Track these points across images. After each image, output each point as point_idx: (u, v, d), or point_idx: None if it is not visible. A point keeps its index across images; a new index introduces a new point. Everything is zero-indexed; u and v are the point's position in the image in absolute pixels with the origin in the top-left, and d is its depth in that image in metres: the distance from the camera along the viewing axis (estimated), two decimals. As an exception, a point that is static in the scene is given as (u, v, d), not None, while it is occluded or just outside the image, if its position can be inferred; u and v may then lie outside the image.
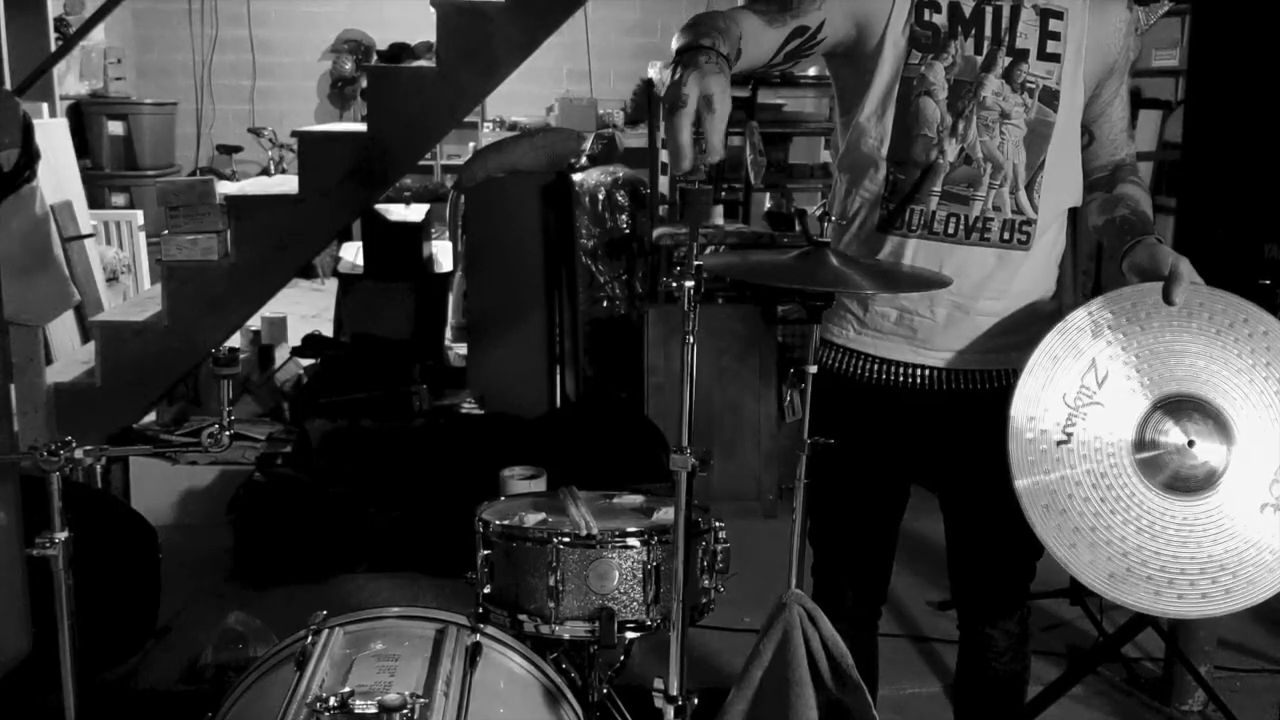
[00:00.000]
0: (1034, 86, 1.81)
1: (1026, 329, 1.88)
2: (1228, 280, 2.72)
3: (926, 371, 1.90)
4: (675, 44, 1.56)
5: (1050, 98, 1.81)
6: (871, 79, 1.84)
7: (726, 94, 1.45)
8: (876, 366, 1.92)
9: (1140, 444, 1.66)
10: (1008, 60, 1.81)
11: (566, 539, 1.89)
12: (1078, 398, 1.67)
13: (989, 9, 1.81)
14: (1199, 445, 1.65)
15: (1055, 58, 1.81)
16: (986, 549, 2.00)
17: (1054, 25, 1.81)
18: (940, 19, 1.81)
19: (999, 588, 2.02)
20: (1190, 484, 1.65)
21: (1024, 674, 2.10)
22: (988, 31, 1.81)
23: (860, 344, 1.93)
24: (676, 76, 1.46)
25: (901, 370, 1.91)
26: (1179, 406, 1.67)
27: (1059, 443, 1.66)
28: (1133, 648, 3.01)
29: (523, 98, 8.35)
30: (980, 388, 1.90)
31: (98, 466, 3.70)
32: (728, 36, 1.58)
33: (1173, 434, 1.66)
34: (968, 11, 1.81)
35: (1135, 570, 1.64)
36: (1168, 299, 1.68)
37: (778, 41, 1.75)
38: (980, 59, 1.81)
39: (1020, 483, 1.67)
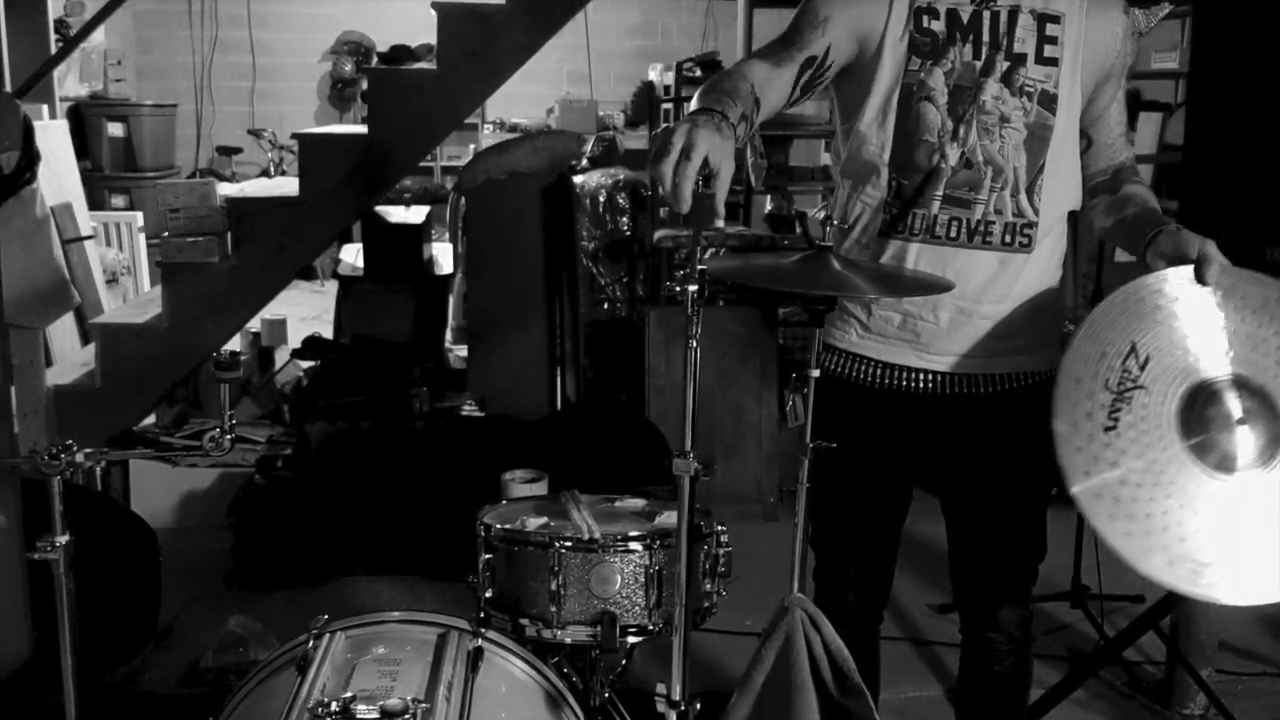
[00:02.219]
0: (1032, 90, 1.81)
1: (1030, 332, 1.89)
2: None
3: (930, 376, 1.90)
4: (689, 109, 1.61)
5: (1049, 101, 1.82)
6: (871, 87, 1.85)
7: (720, 150, 1.47)
8: (880, 371, 1.92)
9: (1188, 425, 1.65)
10: (1006, 65, 1.81)
11: (568, 543, 1.88)
12: (1120, 382, 1.66)
13: (986, 14, 1.82)
14: (1247, 423, 1.64)
15: (1053, 62, 1.82)
16: (988, 552, 2.00)
17: (1051, 30, 1.82)
18: (939, 25, 1.82)
19: (1000, 591, 2.02)
20: (1241, 463, 1.64)
21: (1025, 678, 2.09)
22: (985, 36, 1.82)
23: (863, 348, 1.93)
24: (671, 128, 1.50)
25: (905, 375, 1.91)
26: (1223, 386, 1.66)
27: (1106, 429, 1.65)
28: (1134, 651, 3.01)
29: (523, 99, 8.36)
30: (983, 392, 1.90)
31: (97, 469, 3.71)
32: (737, 96, 1.63)
33: (1220, 413, 1.65)
34: (965, 17, 1.82)
35: (1194, 555, 1.62)
36: (1201, 279, 1.68)
37: (791, 79, 1.80)
38: (979, 64, 1.82)
39: (1077, 489, 1.65)
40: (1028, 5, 1.81)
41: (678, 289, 1.54)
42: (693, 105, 1.60)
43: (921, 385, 1.91)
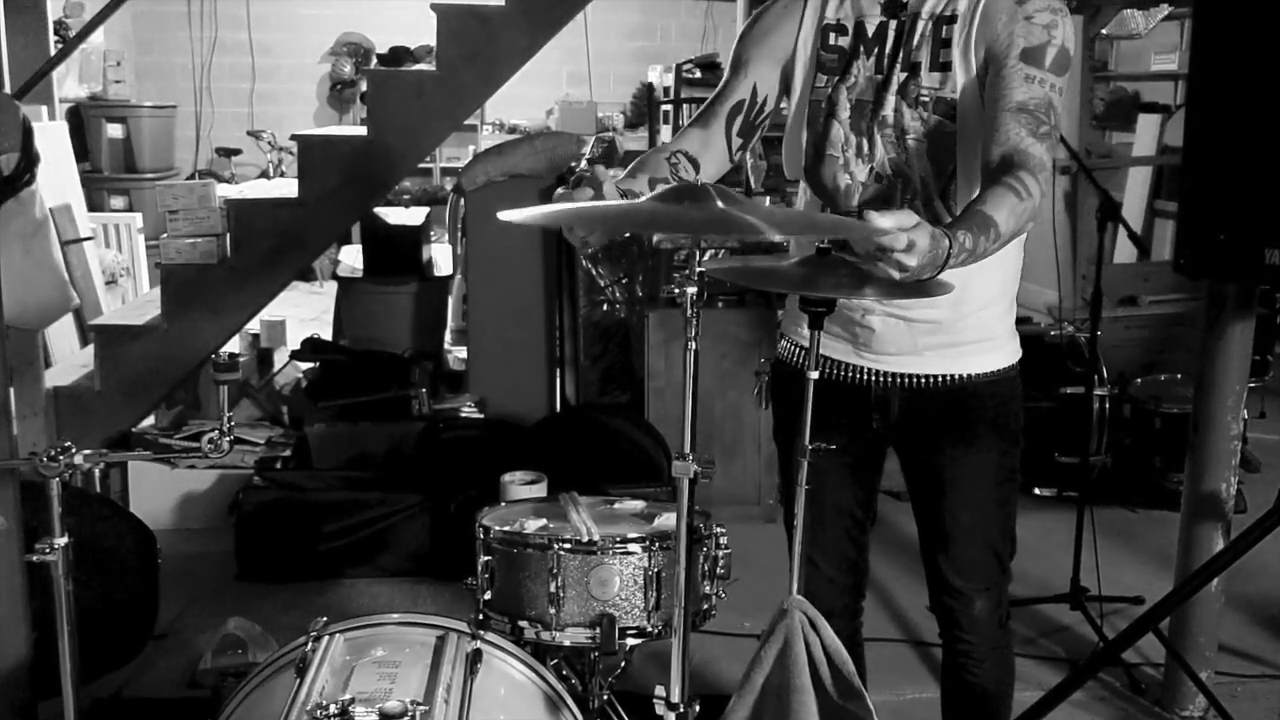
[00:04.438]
0: (928, 99, 1.80)
1: (977, 335, 1.89)
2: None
3: (873, 373, 1.93)
4: None
5: (948, 108, 1.79)
6: (792, 104, 1.91)
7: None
8: (829, 366, 1.94)
9: None
10: (903, 76, 1.81)
11: (567, 545, 1.89)
12: None
13: (892, 24, 1.82)
14: None
15: (947, 66, 1.79)
16: (951, 549, 1.98)
17: (946, 32, 1.79)
18: (845, 41, 1.85)
19: (967, 589, 1.99)
20: None
21: (1006, 682, 2.08)
22: (888, 48, 1.82)
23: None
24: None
25: (850, 370, 1.94)
26: None
27: None
28: (1133, 653, 3.00)
29: (522, 101, 8.36)
30: (930, 390, 1.91)
31: (96, 471, 3.70)
32: (644, 169, 1.81)
33: None
34: (871, 30, 1.83)
35: None
36: None
37: (721, 132, 1.87)
38: (880, 78, 1.82)
39: None
40: (928, 11, 1.80)
41: (677, 291, 1.54)
42: None
43: (866, 380, 1.93)
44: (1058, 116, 1.74)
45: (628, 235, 4.88)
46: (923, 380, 1.90)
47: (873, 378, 1.93)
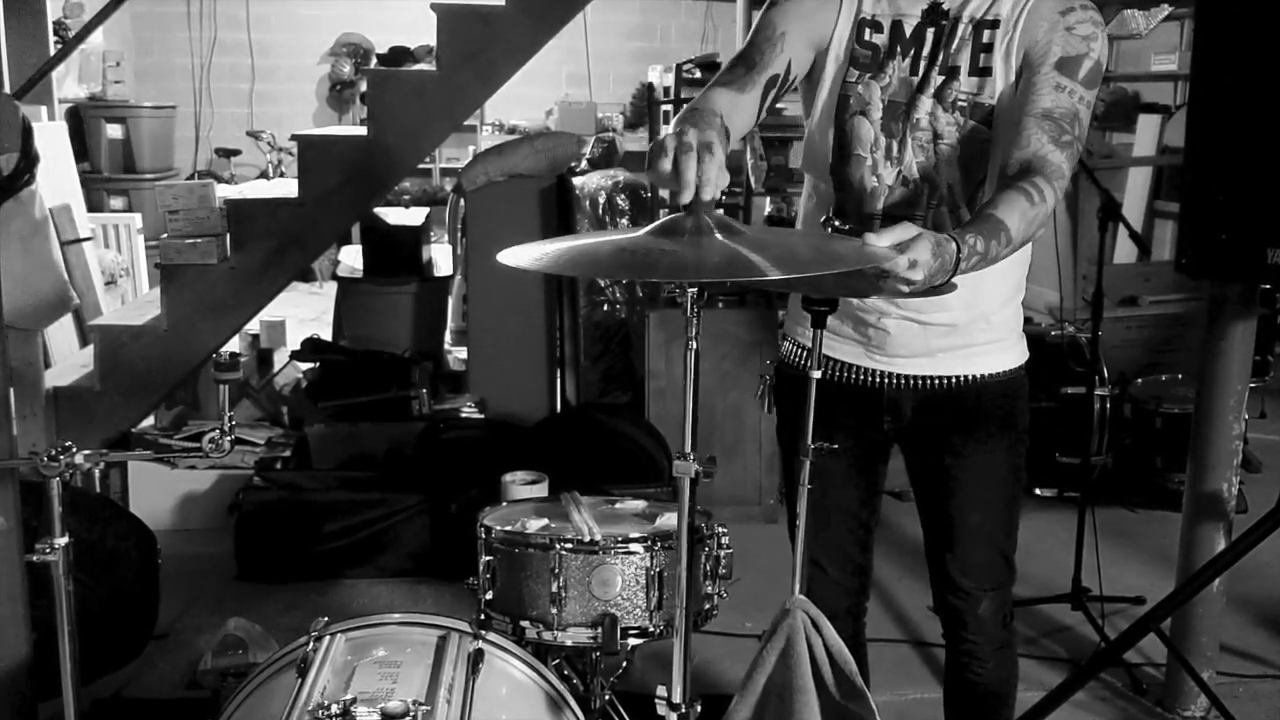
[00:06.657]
0: (965, 104, 1.78)
1: (988, 337, 1.89)
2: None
3: (883, 375, 1.92)
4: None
5: (985, 114, 1.77)
6: (816, 93, 1.87)
7: (709, 134, 1.46)
8: (836, 368, 1.94)
9: None
10: (940, 80, 1.79)
11: (569, 545, 1.88)
12: None
13: (931, 29, 1.80)
14: None
15: (987, 71, 1.77)
16: (956, 550, 1.98)
17: (988, 37, 1.77)
18: (881, 39, 1.82)
19: (972, 589, 1.99)
20: None
21: (1010, 682, 2.07)
22: (926, 50, 1.80)
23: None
24: (678, 130, 1.47)
25: (859, 372, 1.93)
26: None
27: None
28: (1135, 653, 3.00)
29: (522, 101, 8.36)
30: (940, 391, 1.90)
31: (96, 471, 3.70)
32: (710, 127, 1.60)
33: None
34: (909, 31, 1.81)
35: None
36: None
37: (756, 101, 1.81)
38: (916, 80, 1.80)
39: None
40: (969, 14, 1.78)
41: (677, 290, 1.53)
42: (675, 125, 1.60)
43: (874, 382, 1.92)
44: (1083, 129, 1.72)
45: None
46: (936, 381, 1.90)
47: (885, 380, 1.92)
